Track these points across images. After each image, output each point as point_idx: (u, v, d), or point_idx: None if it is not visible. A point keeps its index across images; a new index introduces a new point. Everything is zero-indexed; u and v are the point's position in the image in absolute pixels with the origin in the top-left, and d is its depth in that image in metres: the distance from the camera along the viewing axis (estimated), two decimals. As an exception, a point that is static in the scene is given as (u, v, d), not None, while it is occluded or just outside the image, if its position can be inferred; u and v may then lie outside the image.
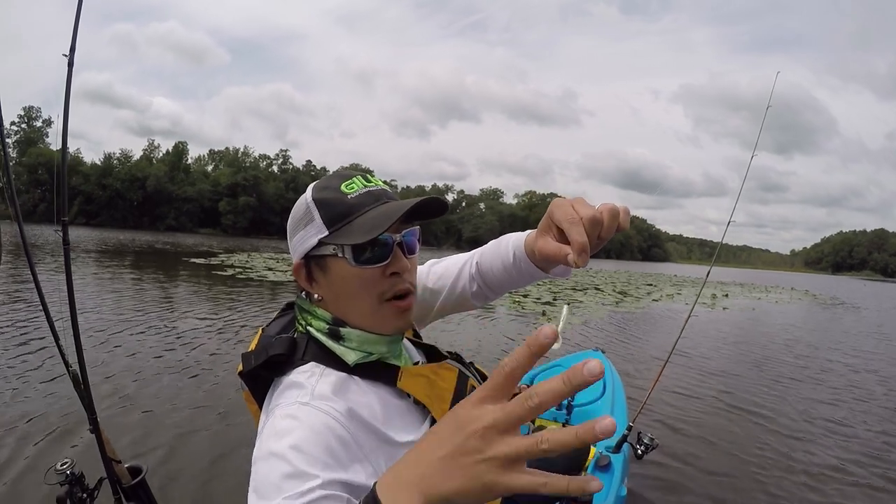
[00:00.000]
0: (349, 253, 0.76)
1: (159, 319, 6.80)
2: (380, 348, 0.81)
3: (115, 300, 8.15)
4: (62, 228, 1.31)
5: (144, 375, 4.30)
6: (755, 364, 6.78)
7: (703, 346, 7.80)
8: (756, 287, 29.21)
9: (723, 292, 21.07)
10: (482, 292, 1.02)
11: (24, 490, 2.44)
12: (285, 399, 0.72)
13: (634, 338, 8.26)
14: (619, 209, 0.70)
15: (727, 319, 11.97)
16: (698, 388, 5.30)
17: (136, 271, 14.01)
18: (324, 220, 0.77)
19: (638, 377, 5.52)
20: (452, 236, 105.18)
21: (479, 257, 1.01)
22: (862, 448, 3.91)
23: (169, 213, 78.01)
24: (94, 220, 72.74)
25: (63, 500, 1.31)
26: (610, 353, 6.53)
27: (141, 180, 78.01)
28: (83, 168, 78.43)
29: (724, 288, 24.66)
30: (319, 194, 0.79)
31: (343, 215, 0.77)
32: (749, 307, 15.93)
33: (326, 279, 0.80)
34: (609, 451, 2.25)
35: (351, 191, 0.78)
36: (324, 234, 0.77)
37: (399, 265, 0.79)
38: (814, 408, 4.88)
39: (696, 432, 4.00)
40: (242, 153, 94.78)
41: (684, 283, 28.48)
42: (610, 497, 1.96)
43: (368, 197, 0.79)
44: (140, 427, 3.25)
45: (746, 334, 9.99)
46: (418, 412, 0.81)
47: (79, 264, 14.02)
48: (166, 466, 2.78)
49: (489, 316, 9.24)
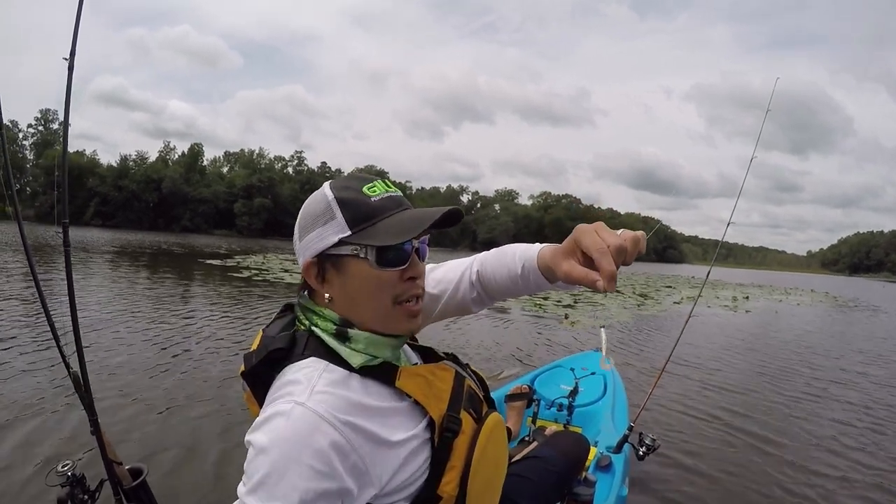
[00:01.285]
0: (372, 254, 0.78)
1: (169, 321, 6.80)
2: (384, 352, 0.82)
3: (125, 301, 8.19)
4: (63, 230, 1.31)
5: (149, 376, 4.29)
6: (774, 369, 6.59)
7: (725, 350, 7.63)
8: (776, 289, 28.67)
9: (743, 294, 20.71)
10: (481, 298, 1.04)
11: (25, 491, 2.43)
12: (283, 394, 0.73)
13: (664, 341, 8.03)
14: (639, 236, 0.74)
15: (750, 322, 11.75)
16: (704, 392, 5.15)
17: (149, 272, 14.13)
18: (346, 219, 0.78)
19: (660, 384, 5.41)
20: (467, 237, 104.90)
21: (480, 265, 1.03)
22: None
23: (184, 215, 78.95)
24: (110, 221, 73.73)
25: (64, 501, 1.30)
26: (636, 357, 6.52)
27: (156, 182, 79.09)
28: (99, 170, 79.39)
29: (743, 290, 24.25)
30: (341, 193, 0.80)
31: (367, 217, 0.78)
32: (772, 309, 15.62)
33: (341, 279, 0.81)
34: (610, 451, 2.25)
35: (374, 193, 0.80)
36: (345, 233, 0.78)
37: (416, 270, 0.82)
38: (823, 414, 4.75)
39: (696, 432, 3.97)
40: (258, 155, 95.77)
41: (702, 284, 27.85)
42: (611, 497, 1.95)
43: (391, 202, 0.81)
44: (141, 428, 3.24)
45: (768, 336, 9.80)
46: (415, 412, 0.81)
47: (91, 265, 14.18)
48: (167, 468, 2.77)
49: (507, 318, 9.14)
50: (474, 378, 0.98)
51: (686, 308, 13.55)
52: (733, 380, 5.75)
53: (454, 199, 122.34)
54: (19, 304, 7.05)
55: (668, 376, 5.42)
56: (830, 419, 4.55)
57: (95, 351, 4.88)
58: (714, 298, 17.38)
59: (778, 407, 4.82)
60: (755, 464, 3.45)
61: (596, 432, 2.45)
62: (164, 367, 4.59)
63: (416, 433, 0.79)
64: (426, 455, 0.80)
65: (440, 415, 0.82)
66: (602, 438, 2.37)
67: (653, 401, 4.38)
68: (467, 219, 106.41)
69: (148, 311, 7.36)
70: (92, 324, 6.09)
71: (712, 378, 5.71)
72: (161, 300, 8.62)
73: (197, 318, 7.09)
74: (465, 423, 0.85)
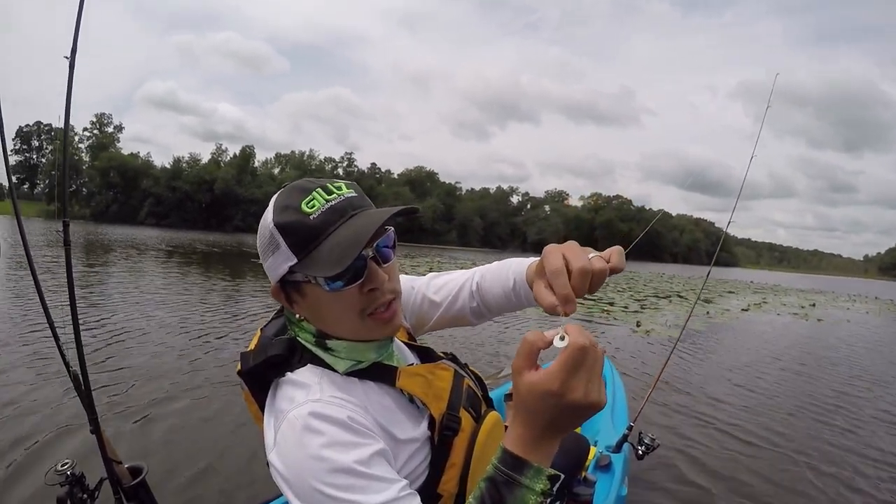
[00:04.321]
0: (321, 280, 0.75)
1: (195, 318, 6.86)
2: (368, 355, 0.82)
3: (158, 298, 8.36)
4: (63, 228, 1.32)
5: (159, 374, 4.31)
6: (822, 378, 6.20)
7: (775, 358, 7.20)
8: (838, 296, 27.01)
9: (808, 301, 19.67)
10: (480, 310, 1.03)
11: (25, 491, 2.44)
12: (294, 401, 0.73)
13: (737, 351, 7.60)
14: (615, 251, 0.72)
15: (824, 332, 10.82)
16: (724, 398, 4.87)
17: (197, 269, 14.57)
18: (290, 246, 0.75)
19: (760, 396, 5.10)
20: (517, 239, 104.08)
21: (481, 277, 1.02)
22: None
23: (236, 215, 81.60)
24: (164, 220, 77.20)
25: (63, 500, 1.31)
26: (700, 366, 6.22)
27: (209, 183, 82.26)
28: (153, 171, 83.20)
29: (806, 296, 23.12)
30: (280, 217, 0.75)
31: (308, 240, 0.74)
32: (843, 319, 14.45)
33: (306, 302, 0.80)
34: (609, 450, 2.25)
35: (312, 209, 0.74)
36: (292, 261, 0.75)
37: (375, 281, 0.78)
38: (832, 422, 4.45)
39: (697, 432, 3.88)
40: (308, 156, 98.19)
41: (764, 290, 26.72)
42: (611, 497, 1.95)
43: (332, 214, 0.75)
44: (141, 427, 3.24)
45: (842, 349, 8.84)
46: (416, 411, 0.82)
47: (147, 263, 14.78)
48: (167, 467, 2.76)
49: (510, 320, 8.72)
50: (473, 377, 0.98)
51: (755, 316, 12.87)
52: (763, 388, 5.47)
53: (504, 201, 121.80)
54: (24, 302, 7.07)
55: (681, 381, 5.29)
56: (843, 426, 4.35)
57: (130, 346, 5.02)
58: (781, 305, 16.67)
59: (798, 412, 4.65)
60: (757, 464, 3.39)
61: (595, 432, 2.46)
62: (183, 366, 4.60)
63: (419, 432, 0.80)
64: (426, 453, 0.80)
65: (440, 413, 0.82)
66: (602, 438, 2.39)
67: (655, 401, 4.31)
68: (517, 220, 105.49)
69: (184, 309, 7.52)
70: (113, 321, 6.23)
71: (741, 386, 5.43)
72: (195, 294, 8.86)
73: (235, 320, 7.14)
74: (465, 421, 0.85)
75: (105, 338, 5.38)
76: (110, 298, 7.99)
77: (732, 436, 3.88)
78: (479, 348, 6.23)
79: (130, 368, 4.41)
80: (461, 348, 6.12)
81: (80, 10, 1.32)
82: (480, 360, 5.60)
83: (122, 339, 5.44)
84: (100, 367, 4.29)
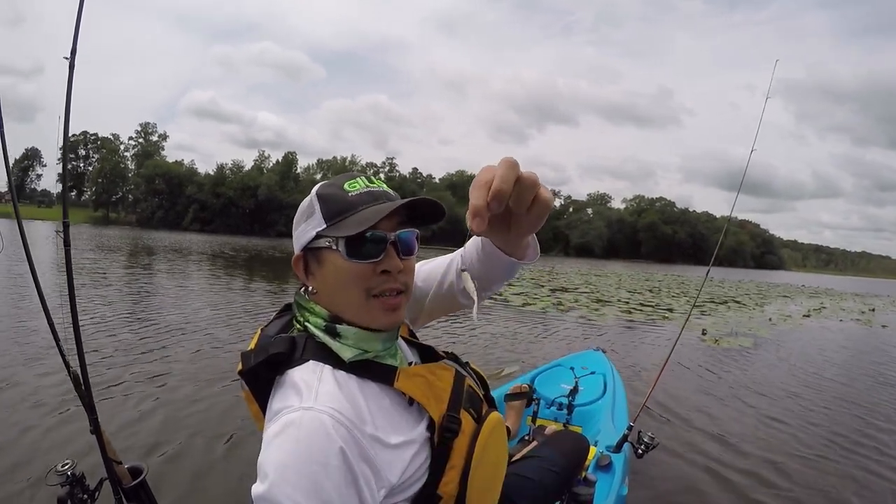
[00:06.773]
0: (342, 246, 0.79)
1: (219, 320, 6.97)
2: (375, 346, 0.82)
3: (190, 298, 8.63)
4: (63, 229, 1.32)
5: (162, 373, 4.36)
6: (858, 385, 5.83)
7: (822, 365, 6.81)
8: (895, 300, 25.57)
9: (868, 306, 18.70)
10: None
11: (25, 491, 2.45)
12: (287, 403, 0.73)
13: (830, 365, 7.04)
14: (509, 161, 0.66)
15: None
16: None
17: (244, 273, 15.01)
18: (323, 214, 0.81)
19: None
20: (560, 242, 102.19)
21: (463, 251, 1.01)
22: None
23: (279, 220, 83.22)
24: (209, 226, 79.57)
25: (64, 500, 1.32)
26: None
27: (252, 189, 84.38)
28: (198, 178, 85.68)
29: (864, 301, 22.07)
30: (323, 189, 0.84)
31: (342, 211, 0.80)
32: None
33: (321, 271, 0.83)
34: (610, 450, 2.27)
35: (353, 189, 0.82)
36: (321, 227, 0.81)
37: (390, 264, 0.81)
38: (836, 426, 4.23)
39: (697, 433, 3.82)
40: (350, 162, 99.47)
41: (819, 294, 25.75)
42: (611, 496, 1.96)
43: (368, 196, 0.82)
44: (141, 427, 3.26)
45: None
46: (415, 412, 0.82)
47: (183, 265, 15.30)
48: (167, 467, 2.78)
49: (511, 318, 8.71)
50: (474, 377, 0.98)
51: (816, 322, 12.29)
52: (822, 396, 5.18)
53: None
54: (25, 303, 7.20)
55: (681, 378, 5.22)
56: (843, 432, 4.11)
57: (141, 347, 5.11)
58: (840, 311, 15.98)
59: (808, 415, 4.50)
60: (758, 464, 3.35)
61: (596, 431, 2.47)
62: (185, 367, 4.61)
63: (417, 434, 0.80)
64: (426, 455, 0.80)
65: (440, 415, 0.82)
66: (602, 438, 2.40)
67: (658, 400, 4.29)
68: (559, 223, 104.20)
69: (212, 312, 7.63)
70: (119, 321, 6.35)
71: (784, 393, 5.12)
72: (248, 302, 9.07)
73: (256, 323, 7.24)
74: (465, 422, 0.85)
75: (112, 339, 5.47)
76: (145, 299, 8.32)
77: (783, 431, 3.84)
78: (478, 348, 6.18)
79: (131, 369, 4.45)
80: (462, 348, 6.07)
81: (80, 10, 1.33)
82: (481, 359, 5.53)
83: (133, 339, 5.56)
84: (102, 366, 4.37)
